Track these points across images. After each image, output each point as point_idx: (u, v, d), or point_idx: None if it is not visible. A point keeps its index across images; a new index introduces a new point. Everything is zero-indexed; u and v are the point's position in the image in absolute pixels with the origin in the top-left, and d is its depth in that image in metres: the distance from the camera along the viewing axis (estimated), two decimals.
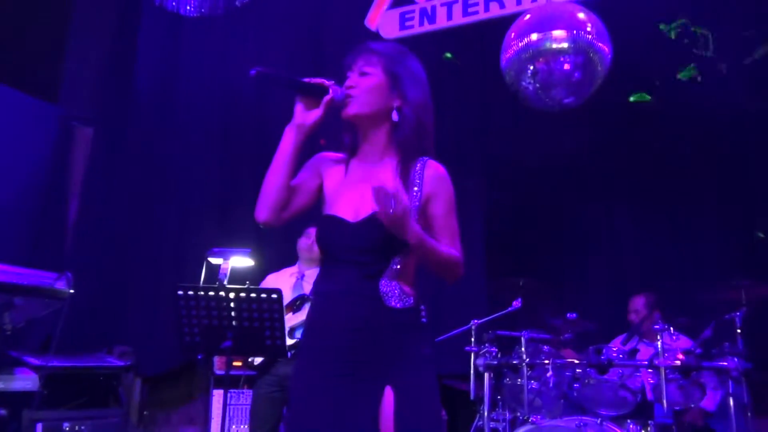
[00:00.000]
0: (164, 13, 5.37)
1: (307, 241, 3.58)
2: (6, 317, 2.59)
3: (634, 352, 3.47)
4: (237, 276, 3.16)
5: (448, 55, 4.78)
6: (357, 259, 1.64)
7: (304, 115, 1.70)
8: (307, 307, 3.28)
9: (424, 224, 1.69)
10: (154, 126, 5.51)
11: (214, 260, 3.15)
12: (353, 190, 1.71)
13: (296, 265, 3.67)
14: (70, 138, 5.59)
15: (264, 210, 1.71)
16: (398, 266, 1.65)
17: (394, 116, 1.71)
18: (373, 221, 1.62)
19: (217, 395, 4.21)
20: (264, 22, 5.43)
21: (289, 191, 1.72)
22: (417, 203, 1.67)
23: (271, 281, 3.61)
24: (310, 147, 1.88)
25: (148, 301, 5.01)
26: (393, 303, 1.63)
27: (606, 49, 3.29)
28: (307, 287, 3.48)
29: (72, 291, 2.81)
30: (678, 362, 3.05)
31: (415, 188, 1.68)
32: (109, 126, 5.56)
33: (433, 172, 1.71)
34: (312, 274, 3.54)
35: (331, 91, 1.69)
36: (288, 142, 1.70)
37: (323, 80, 1.70)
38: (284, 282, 3.51)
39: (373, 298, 1.62)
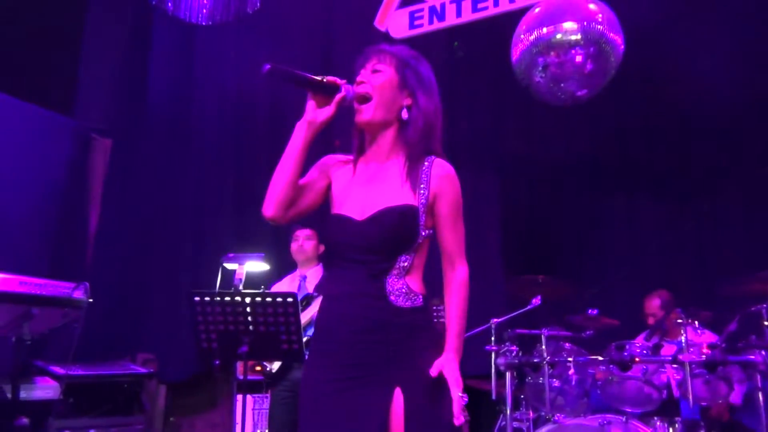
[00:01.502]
0: (176, 23, 5.41)
1: (297, 244, 3.59)
2: (25, 327, 2.62)
3: (657, 347, 3.39)
4: (252, 281, 3.16)
5: (456, 44, 4.75)
6: (363, 258, 1.62)
7: (316, 112, 1.70)
8: (314, 304, 3.28)
9: (431, 223, 1.68)
10: (169, 135, 5.56)
11: (229, 266, 3.16)
12: (360, 190, 1.71)
13: (296, 270, 3.68)
14: (88, 149, 5.66)
15: (271, 205, 1.70)
16: (405, 264, 1.63)
17: (404, 114, 1.70)
18: (378, 219, 1.61)
19: (241, 400, 4.22)
20: (275, 27, 5.46)
21: (297, 188, 1.71)
22: (424, 201, 1.66)
23: (276, 289, 3.61)
24: (324, 149, 1.88)
25: (168, 307, 5.05)
26: (400, 302, 1.61)
27: (618, 39, 3.24)
28: (310, 287, 3.49)
29: (90, 300, 2.83)
30: (703, 357, 2.97)
31: (422, 185, 1.67)
32: (126, 137, 5.62)
33: (440, 171, 1.70)
34: (313, 273, 3.55)
35: (343, 89, 1.69)
36: (298, 138, 1.70)
37: (335, 78, 1.70)
38: (289, 287, 3.52)
39: (379, 297, 1.60)
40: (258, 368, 3.83)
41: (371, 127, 1.73)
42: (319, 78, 1.68)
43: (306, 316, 3.30)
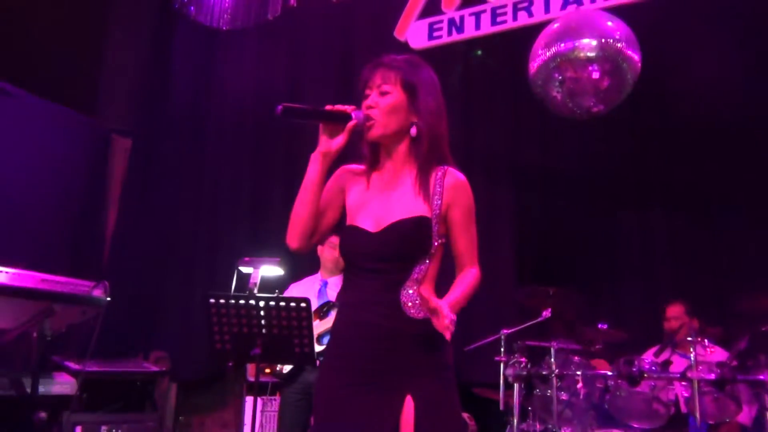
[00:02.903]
0: (198, 27, 5.50)
1: (334, 253, 3.58)
2: (46, 324, 2.68)
3: (667, 363, 3.40)
4: (267, 284, 3.20)
5: (478, 52, 4.79)
6: (378, 268, 1.67)
7: (329, 143, 1.74)
8: (333, 313, 3.31)
9: (445, 231, 1.73)
10: (188, 137, 5.64)
11: (244, 269, 3.20)
12: (375, 202, 1.75)
13: (317, 273, 3.71)
14: (108, 149, 5.76)
15: (295, 238, 1.75)
16: (419, 275, 1.67)
17: (413, 131, 1.74)
18: (393, 230, 1.66)
19: (250, 402, 4.27)
20: (295, 33, 5.52)
21: (317, 217, 1.76)
22: (438, 211, 1.70)
23: (294, 291, 3.65)
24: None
25: (183, 308, 5.12)
26: (414, 312, 1.65)
27: (635, 57, 3.25)
28: (332, 294, 3.51)
29: (108, 299, 2.90)
30: (712, 375, 2.98)
31: (437, 197, 1.71)
32: (146, 137, 5.71)
33: (453, 181, 1.74)
34: (335, 281, 3.57)
35: (353, 116, 1.73)
36: (314, 170, 1.74)
37: (345, 107, 1.74)
38: (308, 290, 3.55)
39: (394, 307, 1.64)
40: (268, 370, 3.87)
41: (383, 140, 1.77)
42: (329, 109, 1.72)
43: (325, 325, 3.33)
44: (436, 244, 1.69)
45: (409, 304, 1.65)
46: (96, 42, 5.74)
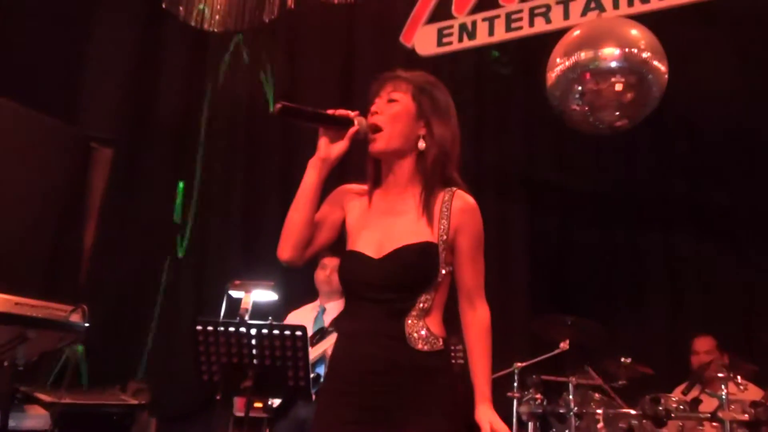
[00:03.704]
0: (188, 29, 5.56)
1: (324, 273, 3.63)
2: (19, 351, 2.69)
3: (696, 402, 3.40)
4: (259, 310, 3.21)
5: (496, 53, 4.82)
6: (381, 297, 1.68)
7: (329, 149, 1.76)
8: (327, 339, 3.32)
9: (452, 259, 1.74)
10: (175, 147, 5.67)
11: (235, 293, 3.22)
12: (377, 225, 1.76)
13: (317, 300, 3.73)
14: (88, 159, 5.78)
15: (287, 249, 1.76)
16: (425, 305, 1.68)
17: (421, 144, 1.76)
18: (397, 257, 1.67)
19: None
20: (293, 37, 5.58)
21: (312, 227, 1.78)
22: (444, 237, 1.71)
23: (292, 319, 3.66)
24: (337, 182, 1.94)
25: (166, 335, 5.11)
26: (419, 345, 1.66)
27: (662, 68, 3.29)
28: (328, 321, 3.53)
29: (87, 325, 2.91)
30: (746, 415, 2.98)
31: (444, 220, 1.72)
32: (129, 147, 5.74)
33: (461, 204, 1.75)
34: (333, 306, 3.59)
35: (356, 122, 1.75)
36: (311, 176, 1.76)
37: (347, 111, 1.76)
38: (305, 318, 3.56)
39: (397, 339, 1.66)
40: (258, 404, 3.87)
41: (386, 157, 1.79)
42: (330, 112, 1.75)
43: (317, 351, 3.34)
44: (443, 272, 1.70)
45: (415, 335, 1.66)
46: (77, 43, 5.79)
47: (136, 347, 5.19)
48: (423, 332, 1.66)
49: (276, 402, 3.43)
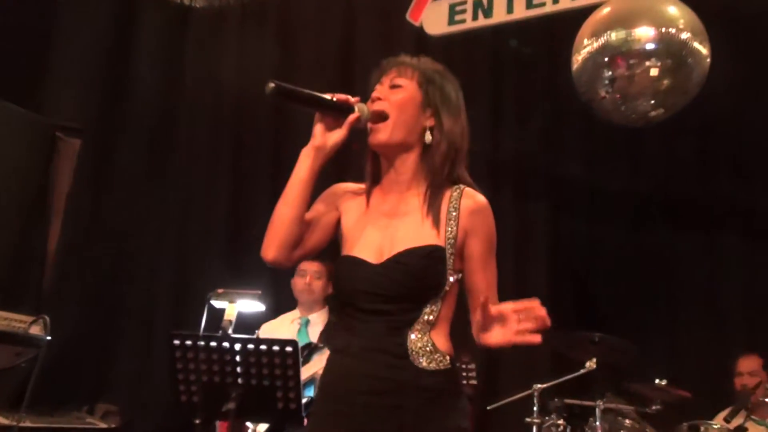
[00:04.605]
0: (167, 6, 5.56)
1: (303, 281, 3.65)
2: None
3: (741, 430, 3.38)
4: (245, 323, 3.21)
5: (514, 42, 4.83)
6: (381, 308, 1.67)
7: (325, 136, 1.75)
8: (316, 358, 3.31)
9: (460, 265, 1.72)
10: (152, 139, 5.67)
11: (217, 303, 3.20)
12: (376, 227, 1.75)
13: (295, 310, 3.73)
14: (52, 152, 5.77)
15: (272, 247, 1.75)
16: (430, 317, 1.67)
17: (427, 137, 1.76)
18: (399, 262, 1.66)
19: None
20: (286, 12, 5.58)
21: (303, 225, 1.76)
22: (453, 241, 1.71)
23: (268, 331, 3.66)
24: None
25: (139, 350, 5.11)
26: (424, 363, 1.65)
27: (704, 51, 3.27)
28: (314, 334, 3.52)
29: (49, 338, 2.90)
30: None
31: (452, 222, 1.71)
32: (99, 137, 5.73)
33: (471, 203, 1.74)
34: (317, 318, 3.61)
35: (357, 108, 1.74)
36: (304, 166, 1.75)
37: (347, 96, 1.75)
38: (285, 331, 3.57)
39: (399, 355, 1.64)
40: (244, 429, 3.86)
41: (388, 150, 1.78)
42: (328, 96, 1.74)
43: (308, 372, 3.32)
44: (451, 279, 1.69)
45: (419, 352, 1.64)
46: (44, 18, 5.77)
47: (105, 364, 5.19)
48: (428, 347, 1.65)
49: (263, 427, 3.42)
